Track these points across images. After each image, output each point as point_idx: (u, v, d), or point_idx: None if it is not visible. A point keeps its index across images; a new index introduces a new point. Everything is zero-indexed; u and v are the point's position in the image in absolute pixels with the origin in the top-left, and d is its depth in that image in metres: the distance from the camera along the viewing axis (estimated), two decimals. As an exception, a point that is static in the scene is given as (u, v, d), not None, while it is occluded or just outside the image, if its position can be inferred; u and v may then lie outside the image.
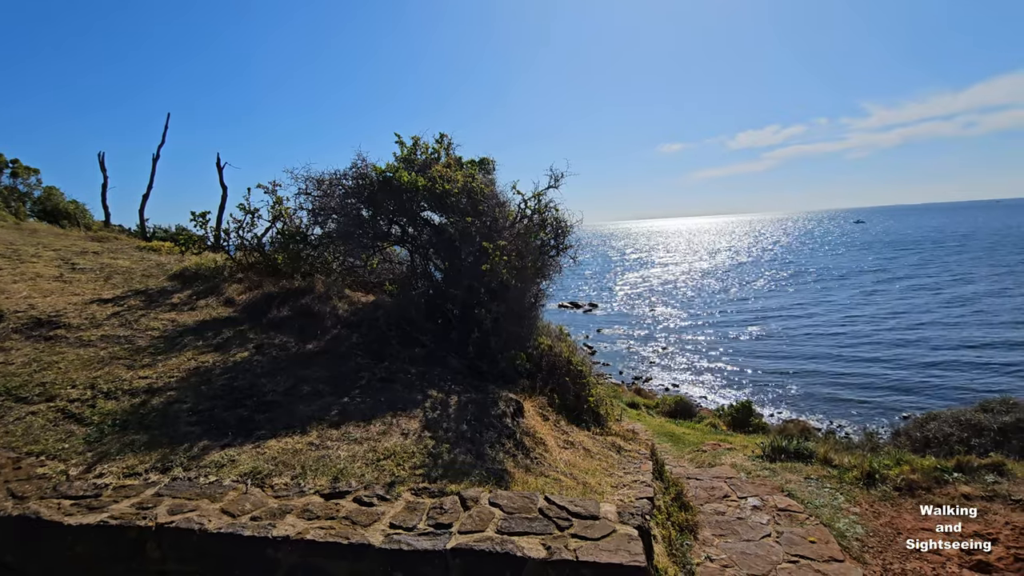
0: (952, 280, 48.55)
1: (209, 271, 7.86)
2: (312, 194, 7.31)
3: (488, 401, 5.34)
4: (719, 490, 6.92)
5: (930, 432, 11.73)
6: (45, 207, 19.25)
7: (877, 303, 40.64)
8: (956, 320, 32.68)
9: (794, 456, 8.22)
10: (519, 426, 5.09)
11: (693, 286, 60.94)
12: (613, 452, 5.81)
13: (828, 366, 26.06)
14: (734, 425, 15.91)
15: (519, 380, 6.46)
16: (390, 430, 4.39)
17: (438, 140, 7.70)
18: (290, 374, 5.09)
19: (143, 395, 4.50)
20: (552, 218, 6.72)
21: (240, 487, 3.42)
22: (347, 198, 6.80)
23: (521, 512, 3.21)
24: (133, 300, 6.59)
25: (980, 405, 11.44)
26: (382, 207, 6.77)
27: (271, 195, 8.19)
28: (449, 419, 4.83)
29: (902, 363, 25.07)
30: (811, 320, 37.06)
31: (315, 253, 7.68)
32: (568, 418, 6.37)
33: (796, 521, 5.97)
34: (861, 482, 6.87)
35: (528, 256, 6.69)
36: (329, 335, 6.05)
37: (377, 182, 6.68)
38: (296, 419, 4.36)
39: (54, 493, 3.30)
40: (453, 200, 6.77)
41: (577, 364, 6.92)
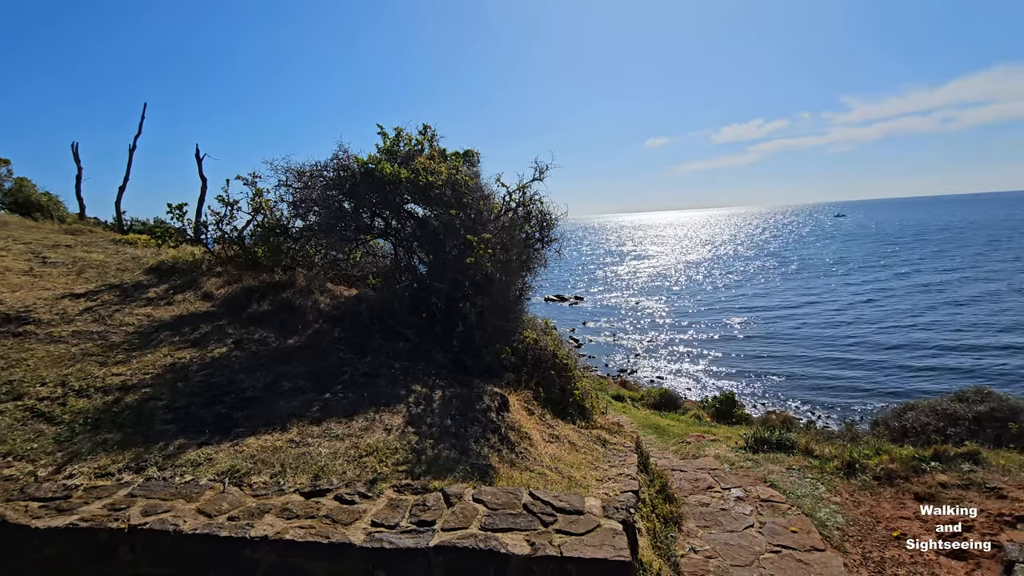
0: (931, 271, 49.60)
1: (187, 265, 7.67)
2: (293, 186, 7.16)
3: (473, 396, 5.29)
4: (703, 481, 6.97)
5: (908, 422, 11.96)
6: (16, 199, 18.66)
7: (857, 295, 41.36)
8: (932, 310, 33.41)
9: (776, 447, 8.32)
10: (504, 420, 5.05)
11: (678, 279, 61.46)
12: (598, 445, 5.81)
13: (809, 357, 26.50)
14: (718, 416, 16.09)
15: (504, 374, 6.42)
16: (373, 426, 4.32)
17: (421, 132, 7.58)
18: (270, 370, 4.99)
19: (116, 393, 4.37)
20: (537, 211, 6.67)
21: (217, 486, 3.33)
22: (328, 190, 6.67)
23: (505, 508, 3.17)
24: (107, 295, 6.40)
25: (956, 395, 11.69)
26: (364, 199, 6.65)
27: (251, 187, 8.01)
28: (433, 414, 4.77)
29: (880, 353, 25.58)
30: (793, 312, 37.62)
31: (296, 246, 7.53)
32: (554, 412, 6.35)
33: (778, 511, 6.04)
34: (842, 472, 6.98)
35: (513, 249, 6.64)
36: (311, 330, 5.94)
37: (359, 174, 6.55)
38: (276, 416, 4.26)
39: (21, 495, 3.17)
40: (437, 192, 6.68)
41: (562, 358, 6.90)
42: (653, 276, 65.80)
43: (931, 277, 46.63)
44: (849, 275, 52.16)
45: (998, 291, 37.93)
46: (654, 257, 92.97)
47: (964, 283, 42.35)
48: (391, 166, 6.50)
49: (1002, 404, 10.58)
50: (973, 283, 42.01)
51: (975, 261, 54.12)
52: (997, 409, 10.55)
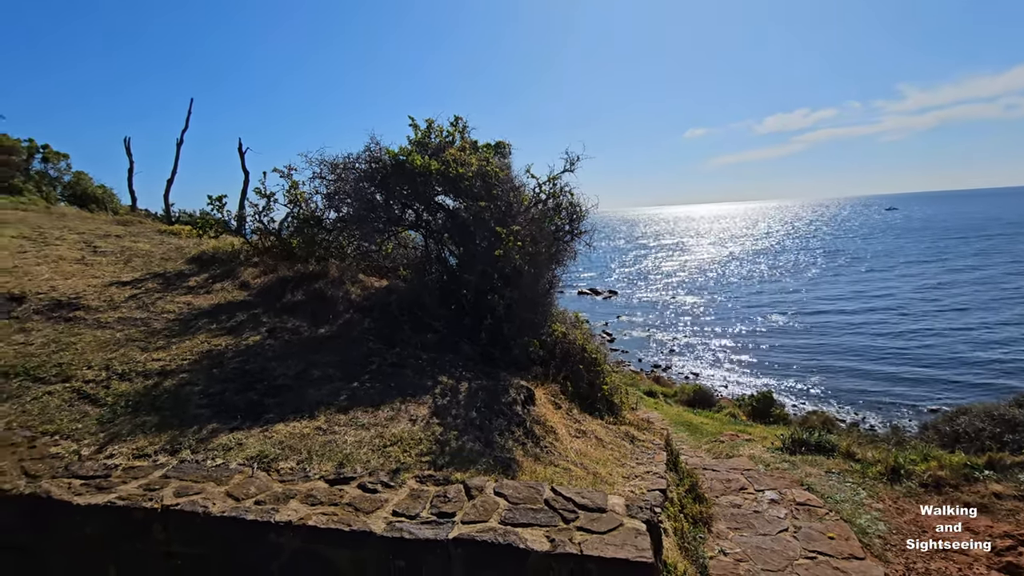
0: (986, 272, 46.76)
1: (226, 255, 7.92)
2: (327, 178, 7.27)
3: (499, 388, 5.27)
4: (736, 482, 6.77)
5: (960, 427, 11.33)
6: (75, 191, 19.70)
7: (911, 292, 39.39)
8: (987, 313, 31.50)
9: (815, 449, 8.01)
10: (530, 414, 5.01)
11: (716, 273, 59.93)
12: (626, 442, 5.71)
13: (853, 356, 25.41)
14: (754, 415, 15.63)
15: (532, 367, 6.38)
16: (398, 416, 4.35)
17: (452, 123, 7.58)
18: (301, 358, 5.09)
19: (156, 377, 4.54)
20: (567, 203, 6.57)
21: (246, 471, 3.42)
22: (360, 182, 6.74)
23: (526, 503, 3.14)
24: (151, 283, 6.67)
25: (1015, 400, 11.00)
26: (396, 191, 6.70)
27: (286, 179, 8.20)
28: (459, 406, 4.78)
29: (930, 355, 24.30)
30: (837, 309, 36.15)
31: (329, 237, 7.66)
32: (581, 407, 6.28)
33: (815, 516, 5.80)
34: (885, 477, 6.66)
35: (542, 241, 6.56)
36: (341, 320, 6.04)
37: (390, 166, 6.59)
38: (305, 403, 4.35)
39: (65, 473, 3.34)
40: (467, 184, 6.66)
41: (592, 352, 6.80)
42: (691, 270, 64.38)
43: (991, 272, 43.96)
44: (902, 271, 49.71)
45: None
46: (692, 251, 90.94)
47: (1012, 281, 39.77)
48: (421, 158, 6.51)
49: (1067, 411, 9.88)
50: None
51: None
52: (1061, 416, 9.86)
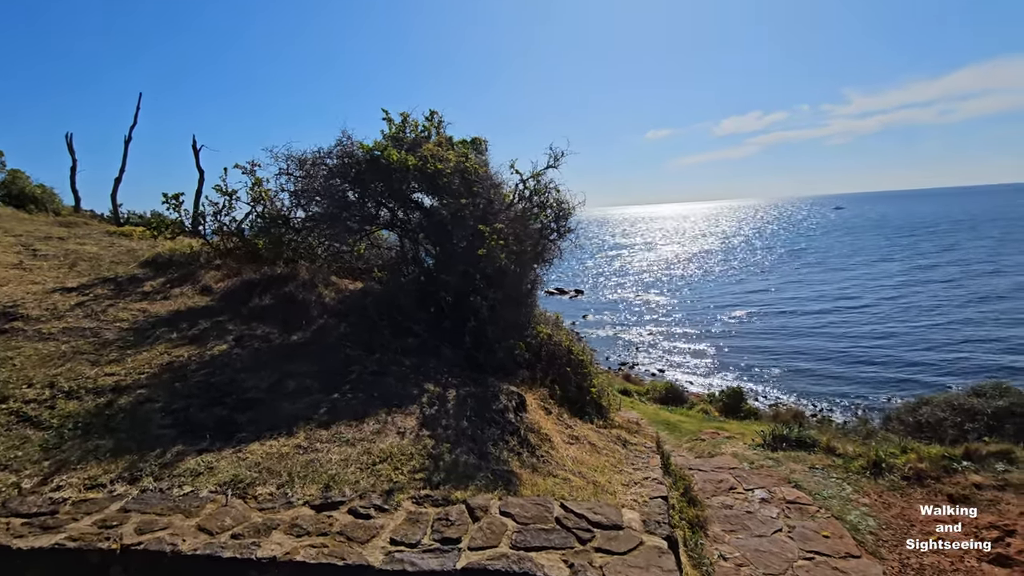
0: (930, 264, 49.36)
1: (184, 257, 7.35)
2: (294, 175, 6.83)
3: (488, 395, 5.00)
4: (725, 482, 6.71)
5: (923, 417, 11.71)
6: (10, 191, 18.23)
7: (860, 287, 41.10)
8: (936, 303, 33.17)
9: (796, 445, 8.06)
10: (523, 421, 4.76)
11: (678, 272, 61.17)
12: (619, 446, 5.53)
13: (812, 349, 26.26)
14: (726, 411, 15.85)
15: (518, 371, 6.13)
16: (385, 429, 4.03)
17: (428, 118, 7.25)
18: (274, 368, 4.69)
19: (109, 394, 4.06)
20: (553, 200, 6.35)
21: (219, 499, 3.04)
22: (331, 179, 6.34)
23: (536, 522, 2.89)
24: (100, 289, 6.09)
25: (973, 390, 11.43)
26: (370, 188, 6.33)
27: (250, 176, 7.70)
28: (448, 415, 4.48)
29: (885, 346, 25.34)
30: (795, 304, 37.38)
31: (298, 238, 7.21)
32: (570, 410, 6.07)
33: (807, 514, 5.77)
34: (868, 471, 6.72)
35: (527, 240, 6.33)
36: (315, 325, 5.64)
37: (364, 161, 6.21)
38: (281, 419, 3.97)
39: (3, 511, 2.88)
40: (446, 181, 6.35)
41: (578, 354, 6.61)
42: (653, 269, 65.50)
43: (938, 273, 46.42)
44: (852, 267, 51.90)
45: (1003, 285, 37.71)
46: (654, 250, 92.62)
47: (967, 275, 42.13)
48: (398, 153, 6.17)
49: (1022, 399, 10.33)
50: (978, 276, 41.79)
51: (976, 253, 53.89)
52: (1016, 404, 10.30)
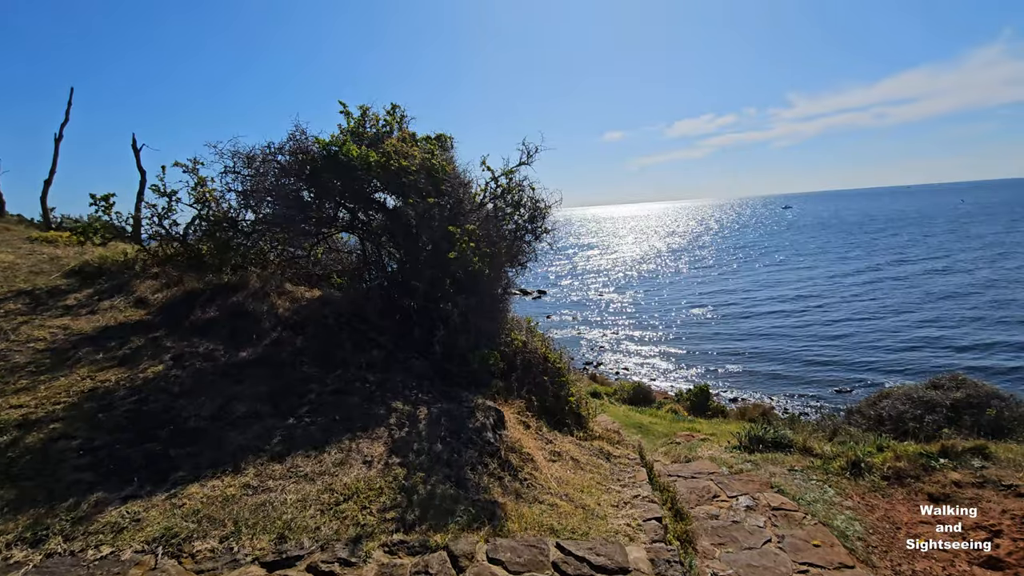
0: (877, 260, 51.80)
1: (117, 266, 6.58)
2: (241, 173, 6.22)
3: (464, 412, 4.58)
4: (707, 489, 6.48)
5: (883, 410, 11.97)
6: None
7: (813, 284, 42.63)
8: (892, 300, 34.69)
9: (772, 446, 7.95)
10: (502, 440, 4.36)
11: (640, 271, 62.07)
12: (602, 460, 5.21)
13: (769, 345, 26.91)
14: (693, 410, 15.92)
15: (493, 382, 5.73)
16: (349, 458, 3.55)
17: (389, 112, 6.75)
18: (218, 391, 4.12)
19: (14, 431, 3.42)
20: (527, 198, 5.97)
21: (147, 560, 2.51)
22: (284, 177, 5.77)
23: (531, 569, 2.50)
24: (13, 303, 5.31)
25: (931, 382, 11.76)
26: (327, 188, 5.79)
27: (191, 175, 7.01)
28: (420, 437, 4.04)
29: (840, 341, 26.22)
30: (751, 301, 38.39)
31: (248, 242, 6.58)
32: (549, 422, 5.71)
33: (794, 522, 5.59)
34: (847, 472, 6.63)
35: (500, 242, 5.94)
36: (267, 339, 5.06)
37: (320, 158, 5.67)
38: (227, 452, 3.43)
39: None
40: (411, 179, 5.89)
41: (554, 361, 6.27)
42: (614, 269, 66.25)
43: (885, 269, 48.71)
44: (809, 264, 53.85)
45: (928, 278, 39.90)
46: (615, 250, 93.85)
47: (922, 272, 44.39)
48: (358, 148, 5.66)
49: (978, 390, 10.65)
50: (931, 273, 44.09)
51: (915, 248, 56.97)
52: (973, 395, 10.62)
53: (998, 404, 10.34)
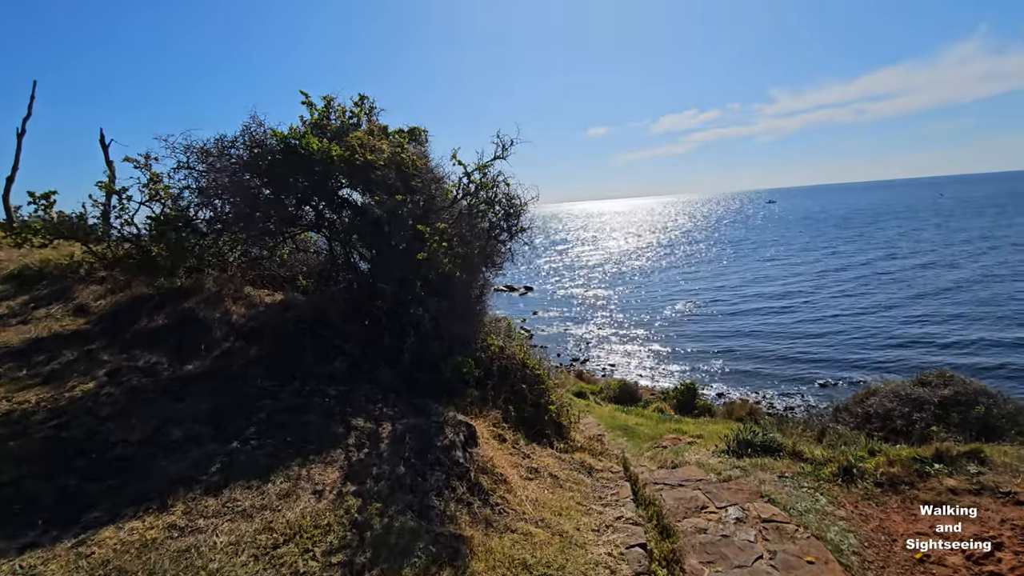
0: (861, 255, 52.27)
1: (61, 269, 6.09)
2: (196, 169, 5.76)
3: (432, 428, 4.20)
4: (694, 500, 6.19)
5: (871, 408, 11.83)
6: None
7: (799, 279, 42.84)
8: (871, 293, 34.92)
9: (761, 450, 7.69)
10: (473, 460, 3.99)
11: (626, 266, 62.02)
12: (584, 475, 4.87)
13: (756, 340, 26.87)
14: (680, 408, 15.73)
15: (467, 391, 5.37)
16: (297, 488, 3.16)
17: (357, 103, 6.31)
18: (155, 412, 3.69)
19: (-95, 465, 2.98)
20: (503, 195, 5.59)
21: (36, 628, 2.10)
22: (240, 172, 5.32)
23: (493, 629, 2.13)
24: (-66, 313, 4.82)
25: (918, 379, 11.63)
26: (287, 184, 5.35)
27: (144, 170, 6.53)
28: (381, 459, 3.66)
29: (827, 337, 26.26)
30: (737, 296, 38.46)
31: (204, 242, 6.12)
32: (527, 434, 5.36)
33: (785, 535, 5.31)
34: (839, 478, 6.37)
35: (475, 241, 5.55)
36: (218, 350, 4.63)
37: (279, 151, 5.24)
38: (155, 485, 3.02)
39: None
40: (379, 174, 5.48)
41: (533, 367, 5.91)
42: (601, 264, 66.15)
43: (868, 263, 49.17)
44: (789, 260, 54.15)
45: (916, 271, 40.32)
46: (601, 245, 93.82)
47: (908, 268, 44.83)
48: (320, 141, 5.23)
49: (966, 387, 10.53)
50: (919, 268, 44.53)
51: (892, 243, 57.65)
52: (961, 393, 10.49)
53: (986, 401, 10.22)
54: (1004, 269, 37.74)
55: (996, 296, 30.08)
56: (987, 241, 52.65)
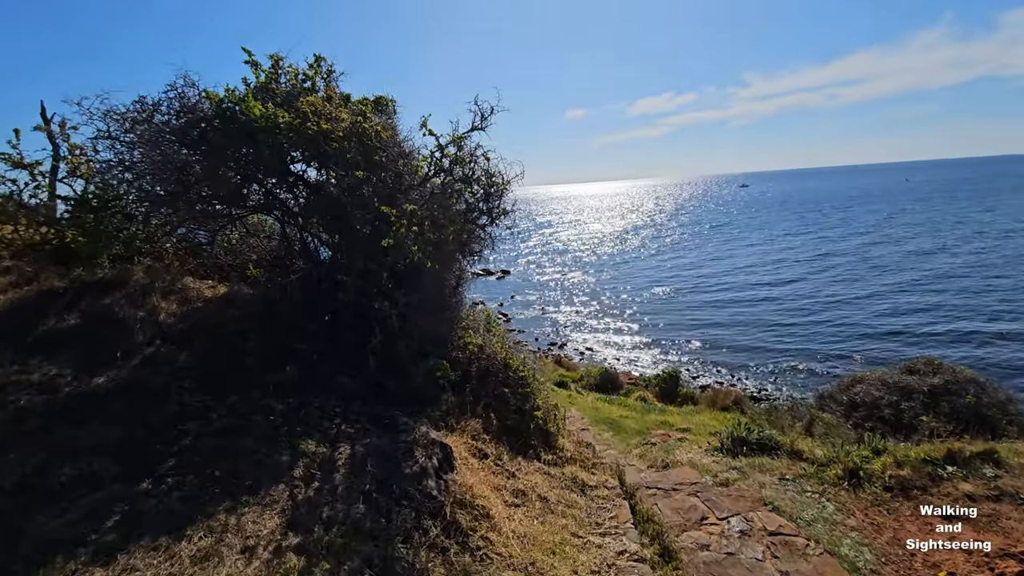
0: (837, 239, 52.96)
1: (-42, 258, 5.13)
2: (120, 139, 4.86)
3: (400, 450, 3.51)
4: (693, 509, 5.66)
5: (857, 396, 11.56)
6: None
7: (774, 260, 43.10)
8: (850, 277, 35.25)
9: (757, 448, 7.22)
10: (448, 490, 3.32)
11: (604, 250, 61.72)
12: (577, 495, 4.26)
13: (734, 324, 26.78)
14: (663, 396, 15.37)
15: (442, 397, 4.69)
16: (221, 547, 2.44)
17: (312, 65, 5.45)
18: (44, 443, 2.91)
19: None
20: (481, 171, 4.84)
21: None
22: (167, 144, 4.45)
23: None
24: None
25: (906, 367, 11.39)
26: (222, 156, 4.50)
27: (61, 141, 5.60)
28: (335, 496, 2.96)
29: (803, 317, 26.31)
30: (713, 279, 38.49)
31: (132, 227, 5.24)
32: (511, 444, 4.72)
33: (796, 551, 4.81)
34: (845, 482, 5.93)
35: (448, 225, 4.81)
36: (138, 358, 3.83)
37: (214, 118, 4.38)
38: (20, 553, 2.26)
39: None
40: (337, 147, 4.67)
41: (517, 367, 5.25)
42: (578, 247, 65.72)
43: (844, 247, 49.80)
44: (769, 242, 54.55)
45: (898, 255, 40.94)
46: (578, 228, 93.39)
47: (870, 246, 45.46)
48: (263, 106, 4.39)
49: (955, 376, 10.29)
50: (881, 246, 45.19)
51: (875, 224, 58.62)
52: (951, 381, 10.24)
53: (976, 390, 10.00)
54: (981, 257, 38.58)
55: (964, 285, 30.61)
56: (947, 227, 53.93)
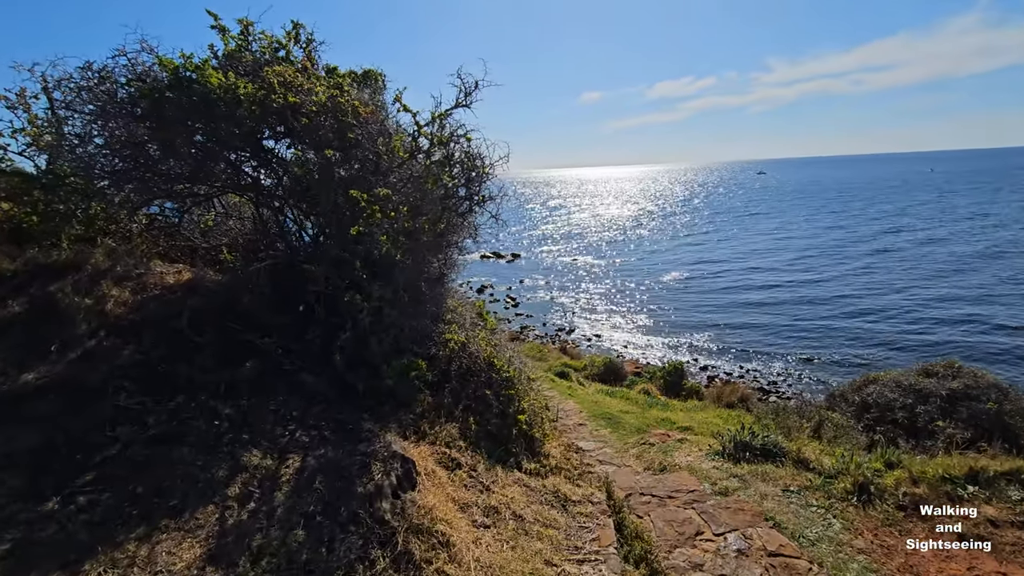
0: (863, 228, 51.64)
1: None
2: (77, 111, 4.48)
3: (355, 464, 3.15)
4: (688, 523, 5.28)
5: (869, 397, 11.09)
6: None
7: (792, 253, 42.12)
8: (864, 270, 34.30)
9: (761, 454, 6.80)
10: (404, 513, 2.95)
11: (616, 235, 60.90)
12: (557, 511, 3.89)
13: (747, 314, 26.20)
14: (667, 390, 14.97)
15: (418, 398, 4.32)
16: (121, 585, 2.10)
17: (290, 32, 4.99)
18: (-56, 451, 2.58)
19: None
20: (463, 153, 4.39)
21: None
22: (118, 115, 4.06)
23: None
24: None
25: (923, 369, 10.86)
26: (178, 130, 4.10)
27: (22, 110, 5.23)
28: (271, 520, 2.61)
29: (816, 310, 25.62)
30: (726, 267, 37.75)
31: (94, 205, 4.88)
32: (490, 452, 4.35)
33: (797, 575, 4.44)
34: (854, 496, 5.51)
35: (427, 212, 4.39)
36: (77, 351, 3.49)
37: (168, 87, 3.97)
38: None
39: None
40: (307, 122, 4.25)
41: (502, 367, 4.85)
42: (593, 232, 64.91)
43: (864, 240, 48.56)
44: (782, 231, 53.39)
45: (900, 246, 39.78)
46: (595, 213, 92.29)
47: (907, 244, 44.26)
48: (222, 75, 3.97)
49: (977, 380, 9.74)
50: (918, 244, 43.99)
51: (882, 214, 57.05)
52: (972, 386, 9.70)
53: (998, 396, 9.47)
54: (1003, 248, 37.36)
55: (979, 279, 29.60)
56: (984, 219, 52.25)
